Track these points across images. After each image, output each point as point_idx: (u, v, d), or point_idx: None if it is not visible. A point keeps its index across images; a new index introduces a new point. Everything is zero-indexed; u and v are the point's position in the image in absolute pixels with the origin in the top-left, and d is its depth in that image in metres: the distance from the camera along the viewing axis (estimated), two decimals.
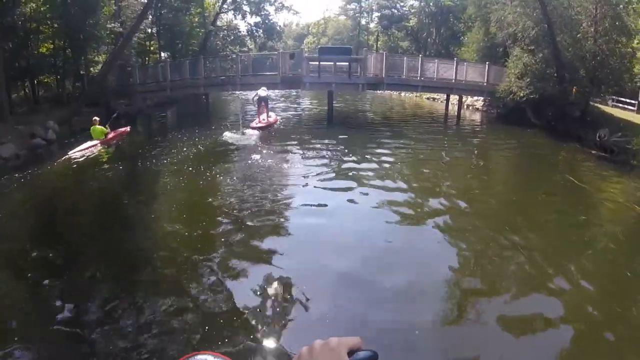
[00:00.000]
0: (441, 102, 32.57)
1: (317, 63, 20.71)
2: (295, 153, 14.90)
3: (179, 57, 28.92)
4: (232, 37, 37.70)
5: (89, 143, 15.85)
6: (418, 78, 22.14)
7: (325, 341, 0.72)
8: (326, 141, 16.47)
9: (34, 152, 15.94)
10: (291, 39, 67.13)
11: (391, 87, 22.85)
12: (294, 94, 32.91)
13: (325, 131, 19.33)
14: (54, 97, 21.93)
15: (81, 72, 23.47)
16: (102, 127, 16.47)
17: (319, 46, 27.33)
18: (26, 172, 12.50)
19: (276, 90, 29.81)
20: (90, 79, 22.86)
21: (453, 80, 22.65)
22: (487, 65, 23.11)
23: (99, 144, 16.16)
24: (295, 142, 16.27)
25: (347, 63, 21.38)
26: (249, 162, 13.40)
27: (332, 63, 20.89)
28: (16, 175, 12.18)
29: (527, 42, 21.11)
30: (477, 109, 28.22)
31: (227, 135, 16.91)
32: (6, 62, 18.99)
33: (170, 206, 9.77)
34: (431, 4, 46.71)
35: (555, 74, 20.12)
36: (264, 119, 19.21)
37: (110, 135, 16.72)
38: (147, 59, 29.74)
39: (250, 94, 34.12)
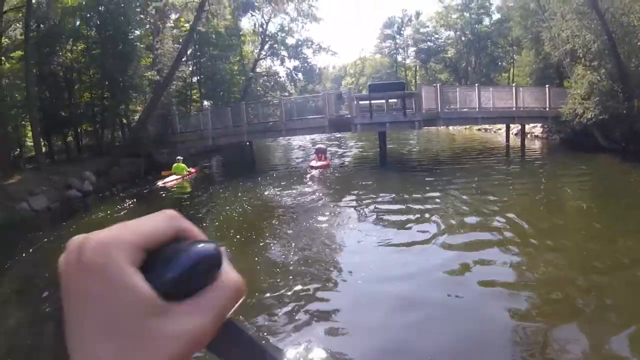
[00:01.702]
0: (494, 132, 29.93)
1: (367, 102, 18.47)
2: (350, 204, 12.53)
3: (221, 104, 27.50)
4: (272, 83, 36.36)
5: (174, 177, 17.46)
6: (476, 109, 19.54)
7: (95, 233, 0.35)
8: (382, 189, 14.01)
9: (68, 205, 14.53)
10: (329, 82, 65.68)
11: (448, 121, 20.30)
12: (338, 136, 30.58)
13: (379, 175, 16.90)
14: (96, 146, 20.71)
15: (122, 122, 22.23)
16: (184, 165, 18.05)
17: (370, 82, 24.97)
18: (55, 228, 11.26)
19: (321, 135, 27.96)
20: (129, 129, 21.48)
21: (513, 108, 20.01)
22: (547, 89, 20.46)
23: (181, 178, 17.68)
24: (351, 191, 13.94)
25: (400, 99, 19.04)
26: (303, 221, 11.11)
27: (383, 101, 18.60)
28: (39, 233, 10.78)
29: (590, 57, 18.42)
30: (537, 136, 25.29)
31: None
32: (46, 110, 18.27)
33: None
34: (467, 32, 44.49)
35: (621, 90, 17.28)
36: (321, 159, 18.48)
37: (192, 171, 18.59)
38: (190, 107, 28.47)
39: (296, 140, 33.16)
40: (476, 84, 21.87)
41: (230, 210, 12.11)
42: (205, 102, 30.40)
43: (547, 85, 20.87)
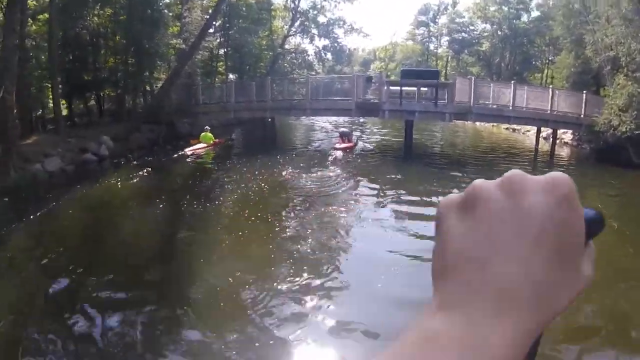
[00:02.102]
0: (523, 133, 28.87)
1: (398, 88, 17.72)
2: (369, 193, 12.20)
3: (247, 79, 26.89)
4: (300, 60, 35.52)
5: (201, 145, 17.91)
6: (510, 108, 18.64)
7: (536, 178, 0.37)
8: (405, 181, 13.53)
9: (83, 168, 14.28)
10: (357, 65, 64.34)
11: (480, 117, 19.34)
12: (362, 121, 29.78)
13: (403, 166, 16.11)
14: (117, 112, 20.41)
15: (145, 89, 21.88)
16: (211, 135, 18.38)
17: (402, 68, 24.07)
18: (66, 190, 11.16)
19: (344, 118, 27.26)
20: (152, 96, 21.11)
21: (548, 111, 19.00)
22: (584, 95, 19.24)
23: (208, 147, 18.08)
24: (372, 179, 13.49)
25: (432, 89, 18.26)
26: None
27: (414, 88, 17.84)
28: (48, 196, 10.63)
29: (633, 68, 17.26)
30: (566, 143, 24.14)
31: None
32: (69, 73, 18.07)
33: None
34: (504, 26, 42.93)
35: None
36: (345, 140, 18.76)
37: (217, 141, 18.77)
38: (215, 79, 27.93)
39: (319, 121, 32.55)
40: (512, 81, 20.84)
41: (246, 188, 11.69)
42: (231, 75, 29.81)
43: (584, 92, 19.66)
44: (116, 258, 7.33)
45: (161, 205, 10.07)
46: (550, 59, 42.09)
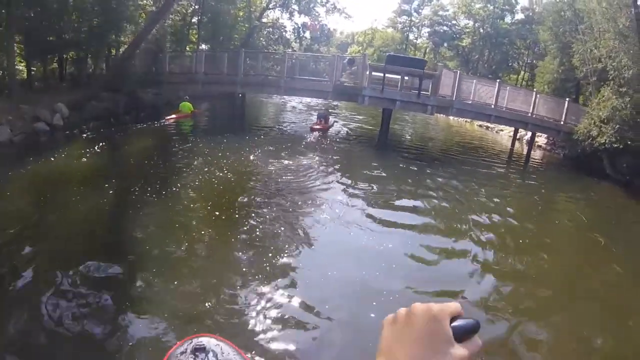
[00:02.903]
0: (496, 132, 28.47)
1: (381, 75, 16.59)
2: (339, 181, 11.31)
3: (220, 50, 25.08)
4: (277, 36, 33.81)
5: (180, 114, 18.00)
6: (492, 106, 17.86)
7: (426, 305, 0.73)
8: (377, 173, 12.80)
9: (34, 139, 12.63)
10: (334, 47, 62.79)
11: (461, 113, 18.47)
12: (334, 104, 28.53)
13: (377, 156, 15.39)
14: (77, 76, 18.49)
15: (110, 53, 19.94)
16: (190, 104, 18.39)
17: (388, 53, 22.84)
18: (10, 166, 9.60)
19: (318, 100, 26.01)
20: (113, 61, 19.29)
21: (529, 114, 18.41)
22: (566, 102, 18.91)
23: (187, 116, 18.20)
24: (342, 168, 12.56)
25: (411, 78, 17.23)
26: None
27: (397, 76, 16.75)
28: None
29: (620, 82, 16.89)
30: (540, 146, 23.82)
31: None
32: (30, 33, 15.77)
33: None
34: (487, 25, 42.46)
35: None
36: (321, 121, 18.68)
37: (195, 111, 18.79)
38: (185, 48, 26.02)
39: (291, 101, 31.16)
40: (497, 80, 20.10)
41: (208, 174, 10.35)
42: (203, 46, 27.89)
43: (567, 99, 19.35)
44: (53, 252, 6.18)
45: (110, 192, 8.60)
46: (528, 62, 42.17)
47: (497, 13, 42.38)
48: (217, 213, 8.03)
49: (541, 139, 23.52)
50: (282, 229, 7.68)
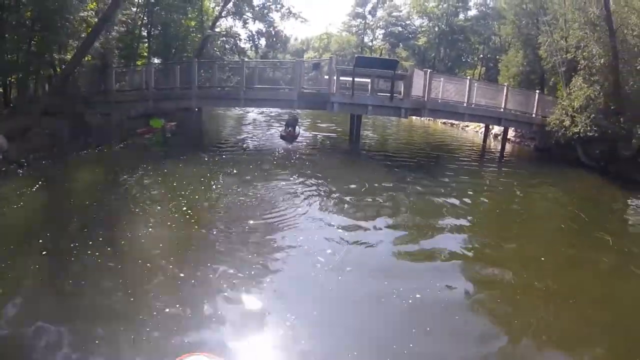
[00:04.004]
0: (461, 128, 27.67)
1: (349, 79, 15.20)
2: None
3: (171, 62, 23.06)
4: (232, 45, 31.99)
5: (152, 129, 17.78)
6: (464, 104, 16.81)
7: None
8: (349, 180, 11.81)
9: None
10: (289, 54, 61.24)
11: (434, 113, 17.37)
12: (297, 112, 27.05)
13: (351, 167, 13.99)
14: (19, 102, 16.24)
15: (52, 73, 17.61)
16: (158, 120, 18.05)
17: (357, 55, 21.48)
18: None
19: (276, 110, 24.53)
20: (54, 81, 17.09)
21: (502, 109, 17.52)
22: (536, 94, 18.44)
23: (158, 130, 17.80)
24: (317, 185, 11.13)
25: (380, 80, 15.94)
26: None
27: (366, 80, 15.42)
28: None
29: (591, 72, 16.53)
30: (508, 139, 23.17)
31: None
32: None
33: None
34: (442, 23, 42.07)
35: (613, 110, 15.87)
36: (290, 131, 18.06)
37: (165, 126, 18.18)
38: (136, 63, 23.89)
39: (252, 112, 29.37)
40: (468, 77, 19.17)
41: (161, 213, 8.52)
42: (155, 60, 25.79)
43: (537, 91, 18.83)
44: None
45: (43, 251, 6.67)
46: (482, 56, 42.06)
47: (451, 10, 42.04)
48: (173, 268, 6.42)
49: (509, 132, 22.86)
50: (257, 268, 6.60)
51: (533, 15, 22.38)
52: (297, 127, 19.47)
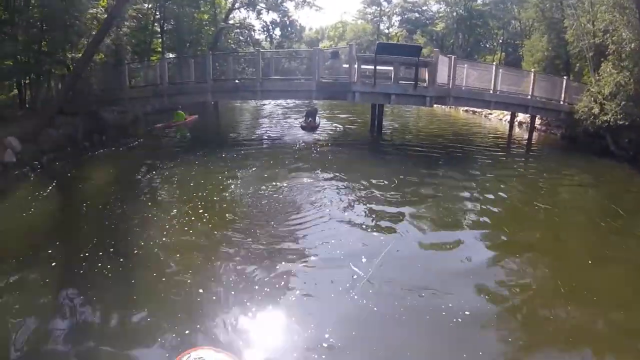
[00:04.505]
0: (485, 116, 26.64)
1: (370, 67, 14.41)
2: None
3: (185, 56, 22.50)
4: (246, 37, 31.37)
5: (176, 122, 18.34)
6: (490, 92, 15.93)
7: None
8: (374, 173, 11.15)
9: None
10: (304, 44, 60.27)
11: (459, 101, 16.47)
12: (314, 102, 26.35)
13: (373, 160, 13.27)
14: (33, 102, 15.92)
15: (64, 71, 17.17)
16: (182, 113, 18.69)
17: (378, 42, 20.60)
18: None
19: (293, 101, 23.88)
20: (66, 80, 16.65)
21: (529, 97, 16.59)
22: (564, 80, 17.35)
23: (180, 124, 18.40)
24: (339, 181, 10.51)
25: (402, 67, 15.07)
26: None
27: (388, 68, 14.60)
28: None
29: (622, 57, 15.44)
30: (535, 127, 22.23)
31: None
32: None
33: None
34: (460, 9, 40.75)
35: None
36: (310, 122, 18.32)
37: (188, 119, 18.98)
38: (150, 59, 23.42)
39: (269, 105, 28.79)
40: (494, 63, 18.21)
41: (177, 218, 7.90)
42: (170, 55, 25.30)
43: (564, 77, 17.77)
44: None
45: (53, 263, 6.17)
46: (501, 41, 40.77)
47: None
48: (189, 281, 5.87)
49: (535, 121, 21.92)
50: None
51: None
52: (316, 117, 19.29)
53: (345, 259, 6.47)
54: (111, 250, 6.55)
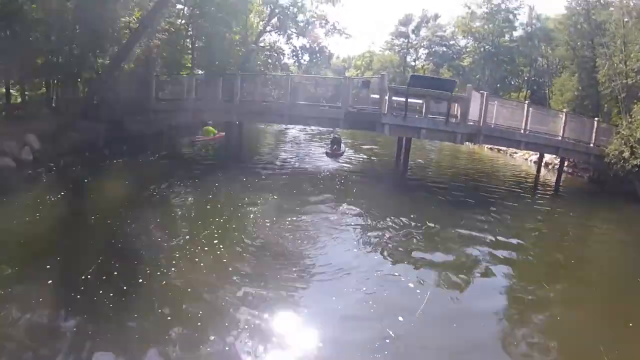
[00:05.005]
0: (510, 155, 25.95)
1: (401, 99, 13.96)
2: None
3: (214, 73, 22.42)
4: (275, 60, 31.33)
5: (204, 137, 19.35)
6: (521, 131, 15.36)
7: None
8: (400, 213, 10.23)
9: None
10: (330, 71, 60.29)
11: (489, 140, 15.85)
12: (324, 130, 25.28)
13: (399, 197, 12.53)
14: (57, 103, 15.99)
15: (92, 76, 17.18)
16: (213, 128, 19.63)
17: (412, 74, 20.26)
18: None
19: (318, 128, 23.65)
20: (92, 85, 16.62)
21: (559, 138, 15.97)
22: (595, 122, 16.63)
23: (209, 140, 19.24)
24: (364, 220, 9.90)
25: (427, 101, 14.60)
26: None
27: (418, 101, 14.19)
28: None
29: None
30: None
31: None
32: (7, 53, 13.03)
33: None
34: (488, 45, 40.47)
35: None
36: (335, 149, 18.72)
37: (217, 136, 19.63)
38: (181, 74, 23.42)
39: (293, 128, 28.44)
40: (526, 101, 17.68)
41: (184, 254, 7.07)
42: (199, 72, 25.33)
43: (595, 119, 17.08)
44: None
45: (49, 282, 5.67)
46: (526, 78, 40.22)
47: (497, 31, 40.37)
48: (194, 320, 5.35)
49: (558, 161, 21.20)
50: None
51: (588, 36, 21.00)
52: (341, 145, 19.38)
53: (375, 316, 5.78)
54: (114, 274, 6.04)
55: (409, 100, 13.92)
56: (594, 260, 9.39)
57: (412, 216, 10.08)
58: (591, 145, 16.35)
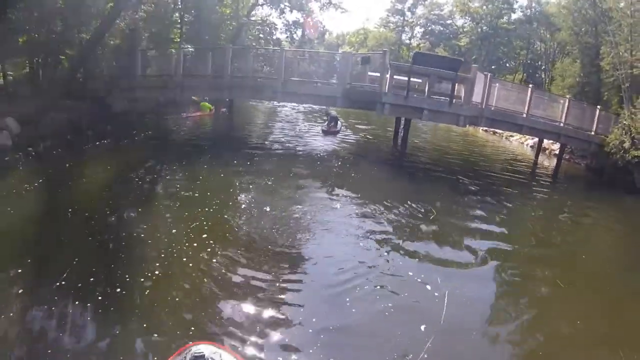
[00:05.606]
0: (506, 138, 25.42)
1: (403, 78, 13.13)
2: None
3: (203, 48, 21.35)
4: (267, 35, 30.15)
5: (199, 113, 19.63)
6: (524, 115, 14.72)
7: None
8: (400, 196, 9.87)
9: None
10: (323, 47, 58.86)
11: (491, 123, 15.02)
12: (317, 108, 25.24)
13: (396, 179, 12.09)
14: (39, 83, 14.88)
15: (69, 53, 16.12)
16: (209, 104, 20.12)
17: (415, 51, 19.24)
18: None
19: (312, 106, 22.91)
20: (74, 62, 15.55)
21: (561, 124, 15.37)
22: (597, 110, 16.15)
23: (205, 115, 19.62)
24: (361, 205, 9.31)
25: (429, 80, 13.80)
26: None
27: (418, 80, 13.44)
28: None
29: None
30: (556, 155, 20.98)
31: None
32: None
33: None
34: (485, 26, 39.68)
35: None
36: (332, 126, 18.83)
37: (212, 111, 20.34)
38: (168, 49, 22.27)
39: (285, 106, 27.57)
40: (530, 85, 16.98)
41: (172, 246, 6.40)
42: (189, 47, 24.16)
43: (598, 106, 16.62)
44: None
45: (20, 290, 4.96)
46: (523, 61, 39.66)
47: (495, 12, 39.56)
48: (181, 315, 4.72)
49: (556, 147, 20.72)
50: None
51: (593, 22, 20.33)
52: (338, 123, 19.44)
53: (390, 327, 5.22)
54: (91, 280, 5.30)
55: (413, 79, 13.17)
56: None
57: (413, 205, 9.50)
58: (592, 133, 15.87)
